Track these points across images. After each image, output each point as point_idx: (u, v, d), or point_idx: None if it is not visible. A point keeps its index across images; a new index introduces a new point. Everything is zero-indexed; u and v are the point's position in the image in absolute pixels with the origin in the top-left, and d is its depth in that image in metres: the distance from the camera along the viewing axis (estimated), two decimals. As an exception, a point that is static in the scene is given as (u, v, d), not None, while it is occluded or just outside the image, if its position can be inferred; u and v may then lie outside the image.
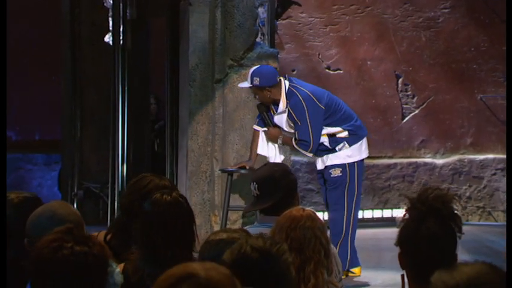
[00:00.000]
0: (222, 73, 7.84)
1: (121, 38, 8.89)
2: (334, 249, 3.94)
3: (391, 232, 9.28)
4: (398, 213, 9.69)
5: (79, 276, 2.51)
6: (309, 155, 7.04)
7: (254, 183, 4.33)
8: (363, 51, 9.98)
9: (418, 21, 10.10)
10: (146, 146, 9.94)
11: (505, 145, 9.43)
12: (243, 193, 7.66)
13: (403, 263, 2.73)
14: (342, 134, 6.88)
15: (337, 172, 6.84)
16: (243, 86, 7.20)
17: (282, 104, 6.89)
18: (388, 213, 9.70)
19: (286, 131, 7.01)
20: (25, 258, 2.69)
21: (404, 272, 2.75)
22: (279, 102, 6.90)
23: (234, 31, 7.86)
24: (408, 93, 10.12)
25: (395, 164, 10.03)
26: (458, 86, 10.16)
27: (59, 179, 10.89)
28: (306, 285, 3.40)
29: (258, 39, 8.01)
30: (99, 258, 2.57)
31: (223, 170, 7.54)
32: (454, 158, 10.16)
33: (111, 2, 9.03)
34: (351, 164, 6.85)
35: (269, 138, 7.11)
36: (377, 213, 9.64)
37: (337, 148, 6.85)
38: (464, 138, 10.18)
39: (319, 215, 3.76)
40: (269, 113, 7.07)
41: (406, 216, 2.76)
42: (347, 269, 6.79)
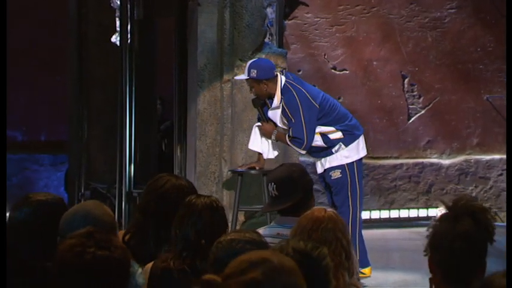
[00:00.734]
0: (230, 73, 7.84)
1: (128, 38, 8.90)
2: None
3: (399, 233, 9.25)
4: (405, 213, 9.69)
5: (101, 280, 2.54)
6: (302, 152, 7.00)
7: (272, 184, 4.30)
8: (369, 52, 9.96)
9: (424, 21, 10.08)
10: (153, 146, 9.92)
11: (512, 146, 9.43)
12: (252, 194, 7.65)
13: (433, 264, 2.74)
14: (336, 135, 6.81)
15: (337, 174, 6.82)
16: (240, 78, 7.16)
17: (277, 99, 6.82)
18: (395, 213, 9.69)
19: (280, 126, 6.93)
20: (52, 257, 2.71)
21: (431, 276, 2.75)
22: (274, 97, 6.87)
23: (243, 31, 7.86)
24: (414, 93, 10.10)
25: (401, 165, 10.01)
26: (465, 86, 10.15)
27: (66, 179, 10.86)
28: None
29: (266, 40, 8.01)
30: (121, 262, 2.60)
31: (233, 171, 7.53)
32: (460, 158, 10.14)
33: (118, 2, 9.02)
34: (349, 164, 6.82)
35: (263, 133, 7.00)
36: (384, 214, 9.63)
37: (333, 150, 6.80)
38: (470, 138, 10.17)
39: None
40: (264, 107, 6.99)
41: (442, 214, 2.78)
42: (356, 269, 6.78)
